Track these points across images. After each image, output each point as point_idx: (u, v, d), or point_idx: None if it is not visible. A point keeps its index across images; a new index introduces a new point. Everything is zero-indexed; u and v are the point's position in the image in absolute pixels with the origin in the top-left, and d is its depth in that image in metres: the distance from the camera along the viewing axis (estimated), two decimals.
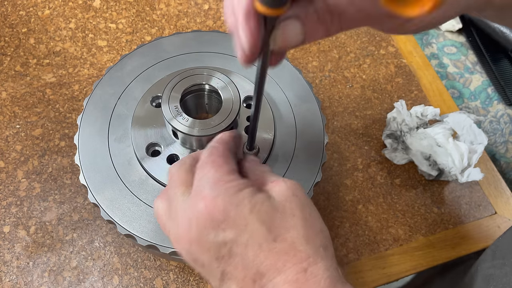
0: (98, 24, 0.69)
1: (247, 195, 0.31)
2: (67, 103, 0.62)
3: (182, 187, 0.33)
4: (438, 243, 0.58)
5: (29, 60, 0.65)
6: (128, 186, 0.45)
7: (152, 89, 0.49)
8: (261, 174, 0.35)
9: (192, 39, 0.54)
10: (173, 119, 0.42)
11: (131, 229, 0.43)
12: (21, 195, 0.55)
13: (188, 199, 0.32)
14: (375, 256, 0.57)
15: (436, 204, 0.61)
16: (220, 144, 0.35)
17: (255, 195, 0.31)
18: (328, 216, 0.58)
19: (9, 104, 0.61)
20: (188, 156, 0.37)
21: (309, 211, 0.32)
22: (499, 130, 0.76)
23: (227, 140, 0.36)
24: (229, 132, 0.37)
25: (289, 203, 0.32)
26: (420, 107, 0.64)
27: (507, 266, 0.41)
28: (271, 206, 0.31)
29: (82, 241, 0.53)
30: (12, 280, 0.51)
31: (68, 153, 0.58)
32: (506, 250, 0.43)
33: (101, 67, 0.65)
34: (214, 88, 0.45)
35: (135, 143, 0.46)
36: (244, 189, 0.31)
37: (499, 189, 0.63)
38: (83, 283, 0.51)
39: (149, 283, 0.52)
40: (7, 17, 0.68)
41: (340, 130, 0.65)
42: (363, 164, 0.62)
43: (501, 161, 0.75)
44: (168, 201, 0.34)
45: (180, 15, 0.71)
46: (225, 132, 0.38)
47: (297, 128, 0.50)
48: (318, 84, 0.68)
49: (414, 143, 0.61)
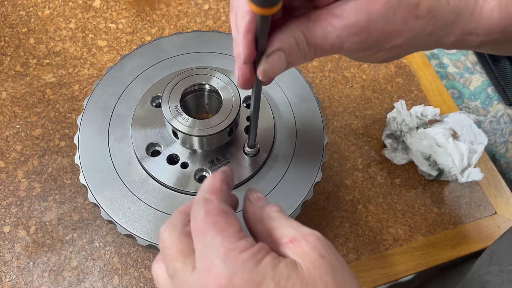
0: (98, 24, 0.69)
1: (268, 268, 0.26)
2: (67, 103, 0.62)
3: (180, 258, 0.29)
4: (438, 243, 0.58)
5: (29, 60, 0.65)
6: (128, 186, 0.45)
7: (152, 89, 0.49)
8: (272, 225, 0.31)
9: (192, 39, 0.54)
10: (173, 119, 0.42)
11: (131, 229, 0.43)
12: (21, 195, 0.56)
13: (194, 274, 0.27)
14: (375, 256, 0.57)
15: (436, 204, 0.61)
16: (213, 195, 0.30)
17: (278, 267, 0.26)
18: (328, 216, 0.58)
19: (9, 104, 0.61)
20: (177, 214, 0.32)
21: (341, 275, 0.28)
22: (499, 130, 0.76)
23: (219, 188, 0.31)
24: (218, 175, 0.32)
25: (318, 271, 0.27)
26: (420, 107, 0.64)
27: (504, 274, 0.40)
28: (299, 279, 0.26)
29: (82, 241, 0.53)
30: (12, 280, 0.51)
31: (68, 153, 0.58)
32: (503, 256, 0.42)
33: (101, 67, 0.65)
34: (214, 88, 0.45)
35: (135, 143, 0.46)
36: (263, 260, 0.26)
37: (499, 189, 0.63)
38: (83, 283, 0.51)
39: (149, 283, 0.52)
40: (7, 17, 0.68)
41: (340, 130, 0.65)
42: (363, 164, 0.62)
43: (501, 161, 0.75)
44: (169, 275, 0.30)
45: (180, 15, 0.71)
46: (214, 175, 0.33)
47: (297, 128, 0.50)
48: (318, 84, 0.68)
49: (414, 143, 0.61)
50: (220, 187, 0.31)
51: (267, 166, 0.47)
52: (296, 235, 0.29)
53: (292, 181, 0.46)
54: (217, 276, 0.26)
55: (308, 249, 0.28)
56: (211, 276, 0.26)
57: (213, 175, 0.33)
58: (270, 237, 0.30)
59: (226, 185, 0.32)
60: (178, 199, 0.44)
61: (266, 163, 0.47)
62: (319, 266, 0.27)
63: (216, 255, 0.26)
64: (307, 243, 0.28)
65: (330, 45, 0.31)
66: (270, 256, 0.27)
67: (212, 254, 0.27)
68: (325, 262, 0.27)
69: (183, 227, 0.30)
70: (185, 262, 0.28)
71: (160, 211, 0.44)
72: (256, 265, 0.26)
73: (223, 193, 0.31)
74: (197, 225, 0.29)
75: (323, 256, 0.27)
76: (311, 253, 0.27)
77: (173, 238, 0.29)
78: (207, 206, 0.29)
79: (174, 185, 0.44)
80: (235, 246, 0.27)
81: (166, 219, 0.43)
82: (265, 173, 0.46)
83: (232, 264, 0.26)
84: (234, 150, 0.46)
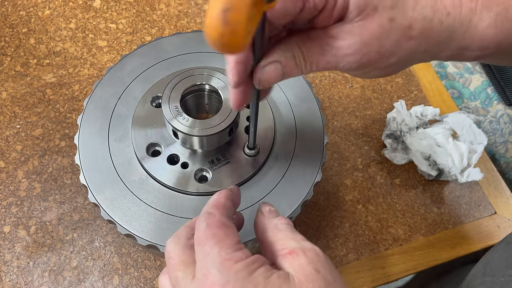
0: (98, 24, 0.69)
1: (261, 278, 0.27)
2: (67, 103, 0.62)
3: (181, 268, 0.30)
4: (438, 243, 0.59)
5: (29, 60, 0.65)
6: (128, 186, 0.45)
7: (152, 89, 0.49)
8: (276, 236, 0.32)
9: (192, 39, 0.54)
10: (173, 119, 0.42)
11: (131, 229, 0.43)
12: (21, 195, 0.56)
13: (194, 282, 0.29)
14: (375, 256, 0.57)
15: (436, 204, 0.61)
16: (216, 210, 0.32)
17: (270, 278, 0.28)
18: (328, 216, 0.58)
19: (9, 104, 0.61)
20: (183, 228, 0.33)
21: None
22: (499, 130, 0.76)
23: (223, 204, 0.33)
24: (224, 192, 0.35)
25: (311, 285, 0.28)
26: (420, 107, 0.64)
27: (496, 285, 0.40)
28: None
29: (82, 241, 0.53)
30: (12, 280, 0.51)
31: (68, 153, 0.58)
32: (496, 267, 0.42)
33: (101, 67, 0.65)
34: (214, 88, 0.45)
35: (135, 143, 0.46)
36: (256, 270, 0.28)
37: (499, 189, 0.63)
38: (83, 283, 0.51)
39: (149, 283, 0.52)
40: (8, 17, 0.68)
41: (340, 130, 0.65)
42: (363, 164, 0.62)
43: (501, 161, 0.76)
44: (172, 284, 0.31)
45: (180, 15, 0.71)
46: (220, 192, 0.35)
47: (297, 128, 0.50)
48: (318, 84, 0.68)
49: (414, 143, 0.61)
50: (224, 203, 0.33)
51: (267, 166, 0.47)
52: (296, 247, 0.30)
53: (292, 181, 0.46)
54: (212, 284, 0.27)
55: (304, 262, 0.29)
56: (207, 283, 0.27)
57: (219, 192, 0.35)
58: (273, 247, 0.31)
59: (230, 202, 0.34)
60: (178, 199, 0.44)
61: (266, 163, 0.47)
62: (313, 280, 0.28)
63: (212, 264, 0.28)
64: (304, 256, 0.29)
65: (326, 62, 0.32)
66: (264, 267, 0.28)
67: (209, 263, 0.28)
68: (319, 277, 0.28)
69: (187, 240, 0.32)
70: (186, 271, 0.30)
71: (160, 211, 0.44)
72: (249, 275, 0.27)
73: (226, 209, 0.33)
74: (198, 236, 0.30)
75: (318, 271, 0.28)
76: (307, 266, 0.28)
77: (177, 249, 0.31)
78: (209, 219, 0.31)
79: (174, 185, 0.44)
80: (231, 257, 0.28)
81: (167, 219, 0.43)
82: (265, 173, 0.46)
83: (227, 273, 0.27)
84: (234, 150, 0.46)
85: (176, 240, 0.32)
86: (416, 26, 0.31)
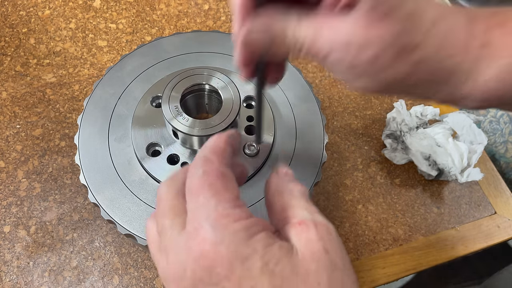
0: (98, 24, 0.69)
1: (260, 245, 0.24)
2: (67, 103, 0.62)
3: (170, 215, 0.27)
4: (438, 243, 0.59)
5: (29, 60, 0.65)
6: (128, 186, 0.45)
7: (152, 89, 0.49)
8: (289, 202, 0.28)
9: (192, 39, 0.54)
10: (173, 119, 0.42)
11: (131, 229, 0.43)
12: (21, 195, 0.56)
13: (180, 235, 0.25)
14: (375, 256, 0.57)
15: (436, 204, 0.61)
16: (215, 156, 0.28)
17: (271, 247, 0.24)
18: (328, 216, 0.58)
19: (9, 104, 0.61)
20: (180, 170, 0.29)
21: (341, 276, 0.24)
22: (499, 130, 0.76)
23: (222, 149, 0.28)
24: (224, 136, 0.30)
25: (316, 264, 0.24)
26: (419, 107, 0.64)
27: None
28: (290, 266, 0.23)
29: (82, 241, 0.53)
30: (12, 280, 0.51)
31: (68, 153, 0.58)
32: None
33: (101, 67, 0.66)
34: (214, 88, 0.45)
35: (135, 143, 0.46)
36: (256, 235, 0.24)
37: (499, 189, 0.63)
38: (83, 283, 0.51)
39: (149, 283, 0.52)
40: (8, 17, 0.68)
41: (340, 130, 0.65)
42: (363, 164, 0.62)
43: (501, 161, 0.76)
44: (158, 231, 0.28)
45: (180, 15, 0.71)
46: (219, 135, 0.30)
47: (297, 128, 0.50)
48: (318, 84, 0.68)
49: (413, 143, 0.61)
50: (224, 148, 0.29)
51: (267, 166, 0.47)
52: (308, 219, 0.26)
53: None
54: (202, 240, 0.24)
55: (314, 237, 0.25)
56: (197, 239, 0.24)
57: (218, 135, 0.30)
58: (283, 212, 0.28)
59: (230, 147, 0.29)
60: None
61: (266, 163, 0.47)
62: (319, 259, 0.24)
63: (206, 218, 0.24)
64: (315, 231, 0.25)
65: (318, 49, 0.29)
66: (265, 233, 0.25)
67: (202, 217, 0.24)
68: (327, 258, 0.24)
69: (182, 185, 0.28)
70: (174, 220, 0.26)
71: None
72: (247, 238, 0.24)
73: (226, 156, 0.28)
74: (192, 184, 0.26)
75: (327, 251, 0.24)
76: (315, 243, 0.25)
77: (169, 193, 0.28)
78: (206, 165, 0.27)
79: None
80: (229, 213, 0.24)
81: None
82: (265, 173, 0.46)
83: (221, 231, 0.24)
84: None
85: (170, 182, 0.28)
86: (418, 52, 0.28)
